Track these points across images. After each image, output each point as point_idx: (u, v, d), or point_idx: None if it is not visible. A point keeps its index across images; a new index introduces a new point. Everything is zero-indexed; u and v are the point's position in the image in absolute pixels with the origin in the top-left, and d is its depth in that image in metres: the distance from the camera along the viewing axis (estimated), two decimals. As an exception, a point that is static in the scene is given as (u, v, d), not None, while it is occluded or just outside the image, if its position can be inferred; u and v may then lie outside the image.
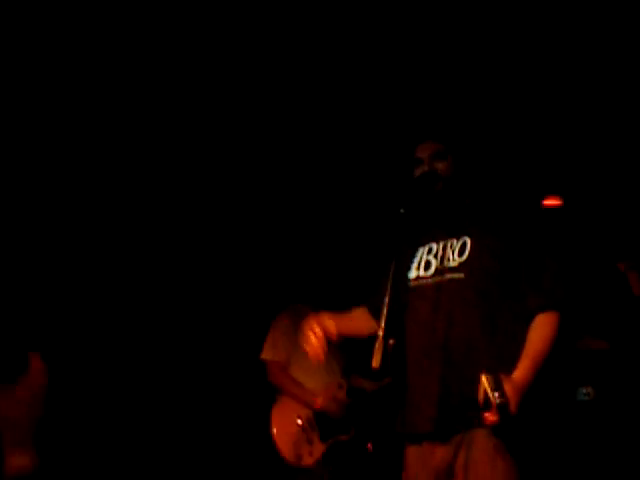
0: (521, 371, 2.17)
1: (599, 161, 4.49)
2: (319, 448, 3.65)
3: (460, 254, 2.36)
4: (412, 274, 2.48)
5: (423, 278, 2.43)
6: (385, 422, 3.92)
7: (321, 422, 3.70)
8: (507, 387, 2.07)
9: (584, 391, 3.77)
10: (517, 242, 2.33)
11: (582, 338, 3.97)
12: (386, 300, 2.32)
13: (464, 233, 2.40)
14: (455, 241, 2.40)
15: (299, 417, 3.69)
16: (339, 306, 4.02)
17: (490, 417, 2.06)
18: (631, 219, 4.56)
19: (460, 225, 2.43)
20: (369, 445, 4.13)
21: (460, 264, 2.34)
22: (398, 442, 2.45)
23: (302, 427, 3.67)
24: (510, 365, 2.20)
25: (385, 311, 2.29)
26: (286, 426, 3.65)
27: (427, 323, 2.35)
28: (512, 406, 2.07)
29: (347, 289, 4.32)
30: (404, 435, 2.38)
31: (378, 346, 2.24)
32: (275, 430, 3.64)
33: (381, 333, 2.26)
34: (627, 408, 3.58)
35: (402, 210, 2.41)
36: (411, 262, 2.50)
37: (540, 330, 2.23)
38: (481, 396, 2.07)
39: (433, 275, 2.40)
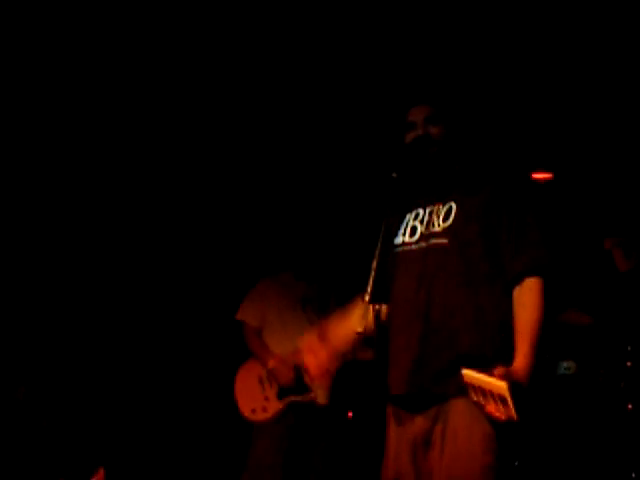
0: (522, 361, 2.10)
1: (591, 137, 4.48)
2: (274, 405, 3.70)
3: (445, 219, 2.32)
4: (398, 240, 2.44)
5: (408, 244, 2.39)
6: (368, 391, 3.93)
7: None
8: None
9: (565, 365, 3.78)
10: (502, 208, 2.28)
11: (565, 312, 3.98)
12: (373, 265, 2.29)
13: (450, 199, 2.35)
14: (441, 206, 2.36)
15: (260, 375, 3.78)
16: (325, 274, 4.01)
17: (496, 414, 1.99)
18: (619, 196, 4.57)
19: (447, 190, 2.39)
20: (349, 413, 4.13)
21: (444, 229, 2.30)
22: (381, 410, 2.43)
23: (260, 384, 3.74)
24: (492, 331, 2.17)
25: (372, 277, 2.27)
26: (247, 382, 3.76)
27: (410, 289, 2.31)
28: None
29: (336, 256, 4.32)
30: (387, 399, 2.37)
31: (363, 311, 2.22)
32: (237, 385, 3.77)
33: (367, 298, 2.23)
34: (608, 382, 3.60)
35: (394, 175, 2.37)
36: (398, 228, 2.47)
37: (527, 303, 2.18)
38: (489, 388, 1.97)
39: (418, 241, 2.36)
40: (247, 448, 3.72)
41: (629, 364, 3.64)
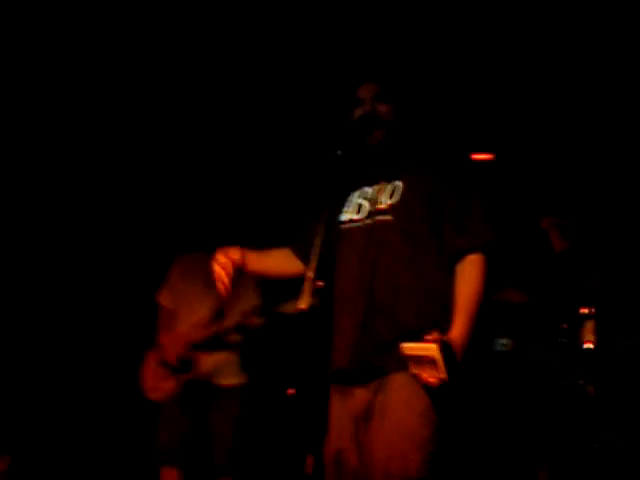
0: (458, 328, 2.14)
1: (531, 118, 4.55)
2: (169, 384, 3.67)
3: (391, 197, 2.34)
4: (344, 217, 2.45)
5: (354, 221, 2.41)
6: (310, 368, 3.94)
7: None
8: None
9: (502, 342, 3.86)
10: (447, 188, 2.31)
11: (502, 290, 4.05)
12: (317, 242, 2.28)
13: (397, 177, 2.37)
14: (387, 185, 2.37)
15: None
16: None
17: (431, 380, 2.02)
18: (556, 177, 4.66)
19: (394, 169, 2.40)
20: (289, 390, 4.13)
21: (389, 206, 2.32)
22: (324, 387, 2.45)
23: (160, 363, 3.71)
24: (434, 307, 2.21)
25: (316, 253, 2.26)
26: (150, 361, 3.75)
27: (355, 264, 2.33)
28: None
29: (277, 233, 4.28)
30: (329, 375, 2.38)
31: (307, 287, 2.21)
32: (143, 365, 3.77)
33: (311, 275, 2.22)
34: (543, 359, 3.69)
35: (339, 152, 2.36)
36: (343, 205, 2.47)
37: (468, 279, 2.21)
38: (423, 353, 2.01)
39: (364, 218, 2.38)
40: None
41: (564, 341, 3.74)
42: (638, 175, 4.47)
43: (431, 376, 2.01)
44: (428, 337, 2.01)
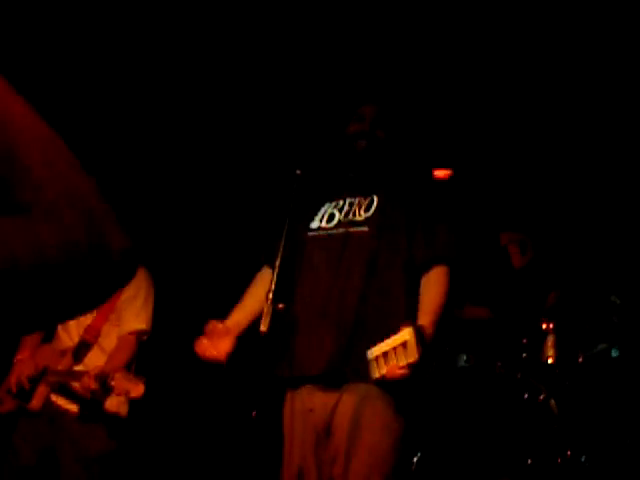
0: (424, 321, 2.19)
1: (491, 133, 4.60)
2: (6, 405, 3.22)
3: (367, 210, 2.41)
4: (313, 224, 2.49)
5: (324, 229, 2.45)
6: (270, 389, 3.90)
7: None
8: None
9: (464, 357, 3.87)
10: (419, 203, 2.40)
11: (464, 306, 4.07)
12: (277, 263, 2.28)
13: (373, 192, 2.45)
14: (363, 199, 2.44)
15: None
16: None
17: (399, 371, 2.04)
18: (516, 193, 4.71)
19: (370, 185, 2.48)
20: (253, 413, 4.10)
21: (365, 219, 2.38)
22: (278, 393, 2.44)
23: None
24: (401, 317, 2.23)
25: (275, 274, 2.26)
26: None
27: (326, 272, 2.36)
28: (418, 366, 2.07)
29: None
30: (286, 380, 2.37)
31: (267, 310, 2.20)
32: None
33: (270, 296, 2.22)
34: (505, 374, 3.71)
35: (298, 172, 2.38)
36: (314, 215, 2.51)
37: (433, 286, 2.28)
38: (393, 344, 2.04)
39: (335, 227, 2.43)
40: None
41: (524, 356, 3.76)
42: (596, 190, 4.54)
43: (401, 363, 2.03)
44: (401, 325, 2.06)
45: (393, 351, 2.04)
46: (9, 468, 3.08)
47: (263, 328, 2.18)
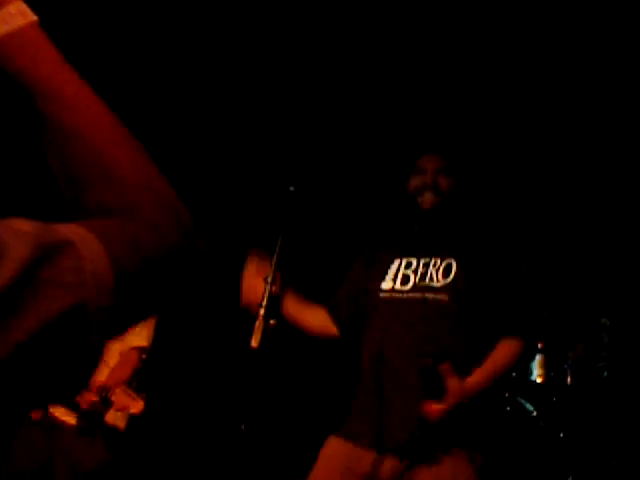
0: (475, 377, 2.16)
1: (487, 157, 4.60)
2: None
3: (445, 276, 2.30)
4: (385, 285, 2.38)
5: (398, 291, 2.35)
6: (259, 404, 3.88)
7: None
8: (451, 379, 2.07)
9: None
10: (500, 271, 2.31)
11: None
12: (268, 279, 2.27)
13: (450, 255, 2.33)
14: (439, 261, 2.33)
15: None
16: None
17: (434, 406, 2.04)
18: (509, 211, 4.71)
19: (446, 245, 2.37)
20: (242, 426, 4.08)
21: (444, 286, 2.28)
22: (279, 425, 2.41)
23: None
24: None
25: (267, 290, 2.24)
26: None
27: (402, 337, 2.28)
28: (451, 398, 2.05)
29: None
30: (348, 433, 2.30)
31: (258, 325, 2.19)
32: None
33: (262, 312, 2.21)
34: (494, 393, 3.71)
35: (292, 188, 2.36)
36: (384, 272, 2.41)
37: (504, 351, 2.23)
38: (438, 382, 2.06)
39: (411, 290, 2.33)
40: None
41: (514, 375, 3.77)
42: (588, 212, 4.55)
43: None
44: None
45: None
46: (6, 474, 3.03)
47: (254, 344, 2.16)
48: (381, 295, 2.38)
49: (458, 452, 2.14)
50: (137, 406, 3.06)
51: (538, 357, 3.77)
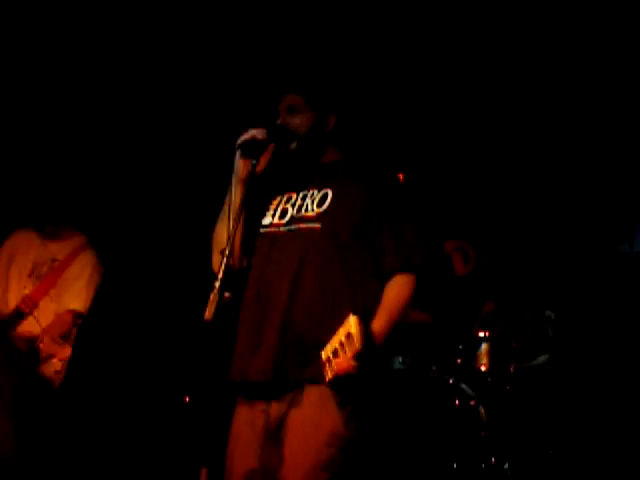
0: (377, 324, 2.13)
1: (438, 138, 4.65)
2: None
3: (319, 205, 2.30)
4: (266, 221, 2.39)
5: (276, 225, 2.36)
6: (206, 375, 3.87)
7: None
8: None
9: (400, 360, 3.92)
10: (381, 204, 2.28)
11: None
12: (226, 252, 2.24)
13: (327, 186, 2.33)
14: (316, 192, 2.34)
15: None
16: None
17: (346, 364, 2.00)
18: (461, 200, 4.78)
19: (323, 177, 2.36)
20: (186, 397, 4.07)
21: (318, 214, 2.28)
22: (227, 396, 2.39)
23: None
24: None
25: (224, 262, 2.22)
26: None
27: (273, 269, 2.28)
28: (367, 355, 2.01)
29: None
30: (235, 387, 2.32)
31: (213, 297, 2.17)
32: None
33: (217, 284, 2.18)
34: (438, 378, 3.77)
35: (253, 161, 2.33)
36: (266, 210, 2.42)
37: (397, 289, 2.20)
38: (339, 338, 2.01)
39: (288, 223, 2.33)
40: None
41: (459, 362, 3.84)
42: (537, 205, 4.64)
43: (346, 356, 1.99)
44: (347, 316, 2.01)
45: (340, 346, 2.01)
46: None
47: (208, 315, 2.13)
48: (261, 231, 2.38)
49: (329, 397, 2.11)
50: (64, 352, 3.09)
51: (484, 346, 3.83)
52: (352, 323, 1.99)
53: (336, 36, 3.82)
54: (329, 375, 2.06)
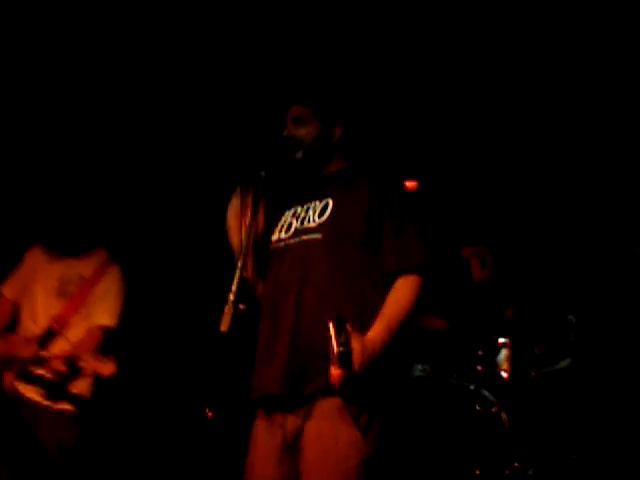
0: (374, 331, 2.12)
1: (454, 145, 4.65)
2: None
3: (320, 215, 2.31)
4: (274, 237, 2.43)
5: (282, 240, 2.38)
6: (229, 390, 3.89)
7: None
8: (354, 341, 2.00)
9: (420, 367, 3.91)
10: (383, 208, 2.28)
11: (423, 315, 4.10)
12: (239, 264, 2.26)
13: (327, 195, 2.34)
14: (318, 202, 2.35)
15: None
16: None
17: (332, 371, 1.98)
18: (479, 207, 4.76)
19: (326, 187, 2.37)
20: (208, 411, 4.08)
21: (319, 225, 2.30)
22: (247, 411, 2.39)
23: None
24: (365, 328, 2.15)
25: (237, 274, 2.23)
26: None
27: (281, 285, 2.30)
28: (356, 360, 1.98)
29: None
30: (254, 402, 2.33)
31: (227, 310, 2.18)
32: None
33: (232, 297, 2.20)
34: (459, 385, 3.75)
35: (262, 173, 2.35)
36: (275, 225, 2.45)
37: (399, 292, 2.18)
38: (330, 348, 2.00)
39: (291, 237, 2.35)
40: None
41: (479, 369, 3.81)
42: (557, 211, 4.62)
43: (332, 363, 1.98)
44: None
45: (330, 355, 2.00)
46: None
47: (224, 328, 2.15)
48: (271, 247, 2.41)
49: (343, 409, 2.10)
50: (108, 368, 3.05)
51: (504, 352, 3.81)
52: (330, 328, 1.98)
53: (341, 47, 3.83)
54: (333, 386, 2.06)
